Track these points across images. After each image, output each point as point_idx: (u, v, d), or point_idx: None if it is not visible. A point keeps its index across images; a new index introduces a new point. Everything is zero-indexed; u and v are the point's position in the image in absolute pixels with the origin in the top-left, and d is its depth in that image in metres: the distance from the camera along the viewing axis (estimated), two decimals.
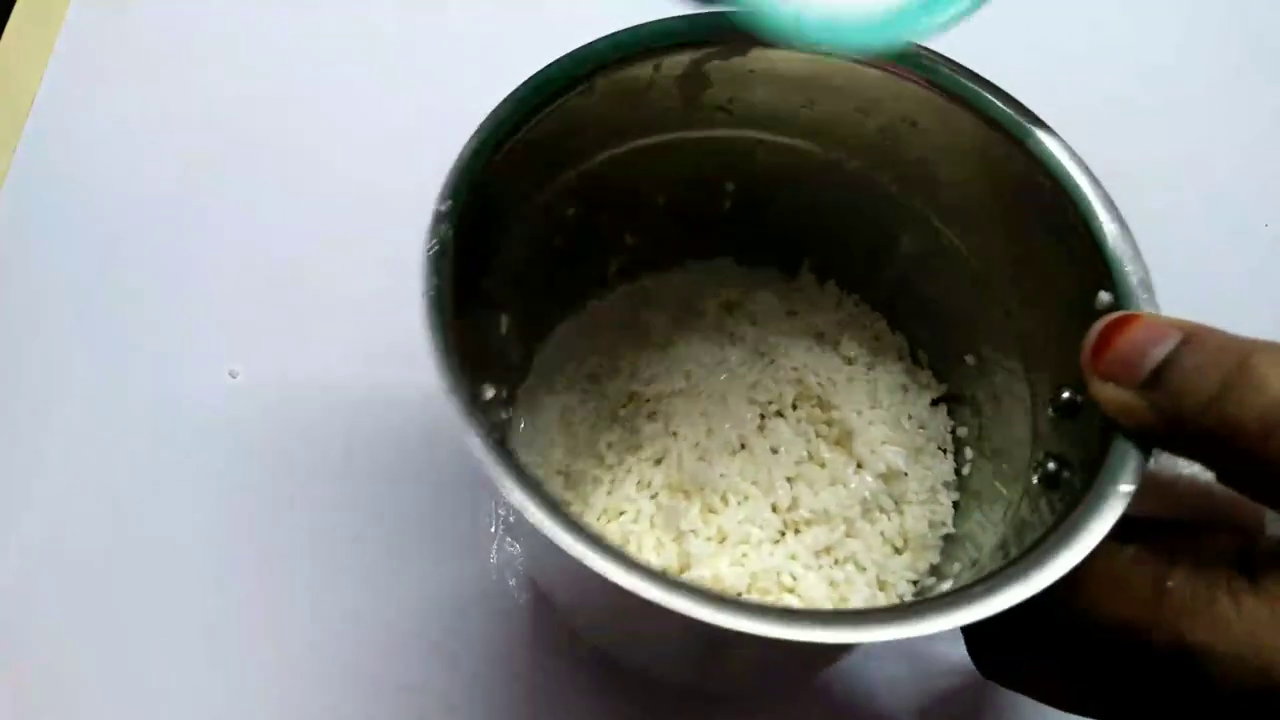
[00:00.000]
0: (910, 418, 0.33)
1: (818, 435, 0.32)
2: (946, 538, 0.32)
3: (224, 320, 0.40)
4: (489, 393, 0.29)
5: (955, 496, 0.32)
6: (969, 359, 0.33)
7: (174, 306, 0.41)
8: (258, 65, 0.47)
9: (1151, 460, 0.23)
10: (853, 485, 0.30)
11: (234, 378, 0.39)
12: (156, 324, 0.40)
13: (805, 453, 0.31)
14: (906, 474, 0.31)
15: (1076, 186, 0.27)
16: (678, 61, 0.29)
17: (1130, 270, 0.26)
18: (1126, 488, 0.23)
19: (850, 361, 0.33)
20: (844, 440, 0.31)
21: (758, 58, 0.30)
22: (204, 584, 0.35)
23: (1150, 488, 0.23)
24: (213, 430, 0.38)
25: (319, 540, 0.36)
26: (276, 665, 0.34)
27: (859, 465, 0.31)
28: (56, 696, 0.34)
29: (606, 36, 0.29)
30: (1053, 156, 0.28)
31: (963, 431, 0.34)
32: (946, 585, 0.29)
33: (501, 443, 0.22)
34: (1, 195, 0.42)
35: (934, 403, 0.34)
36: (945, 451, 0.33)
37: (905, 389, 0.34)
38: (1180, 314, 0.41)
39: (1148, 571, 0.23)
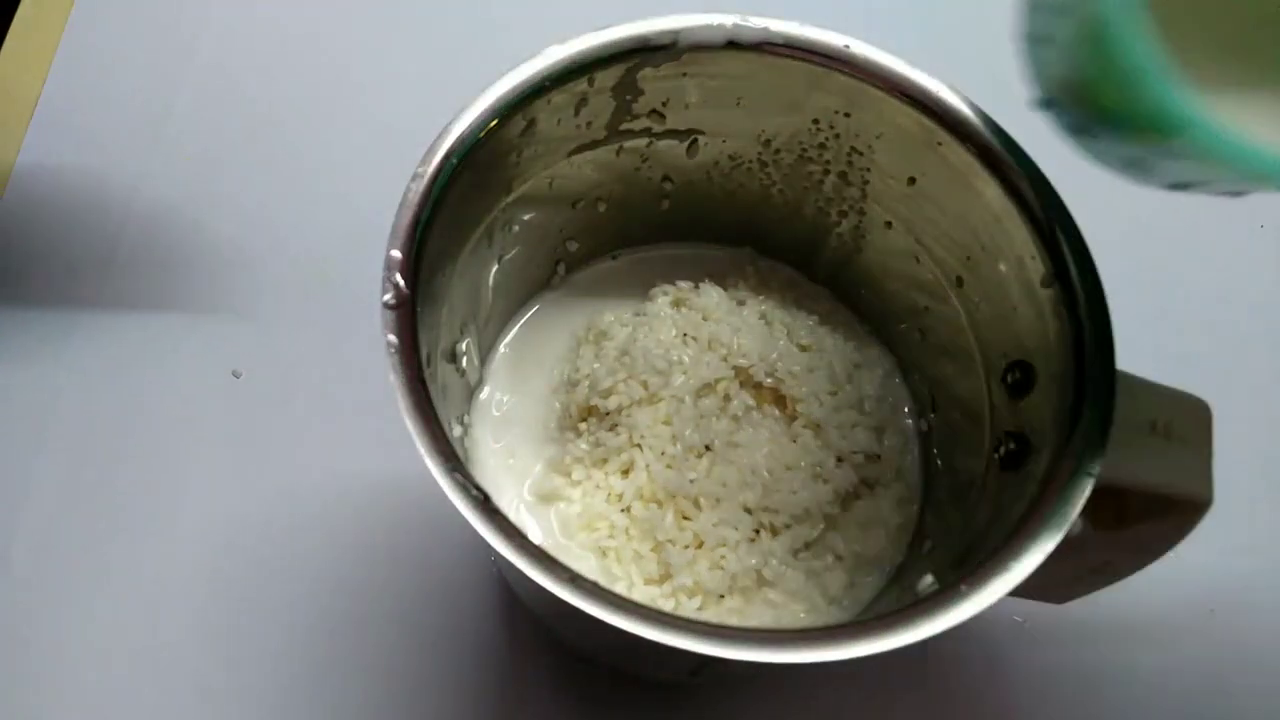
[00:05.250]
0: (870, 396, 0.33)
1: (785, 430, 0.32)
2: (918, 517, 0.32)
3: (227, 320, 0.40)
4: (457, 429, 0.28)
5: (920, 474, 0.33)
6: (915, 334, 0.34)
7: (177, 306, 0.41)
8: (261, 66, 0.46)
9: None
10: (832, 480, 0.31)
11: (237, 378, 0.39)
12: (159, 323, 0.40)
13: (775, 448, 0.31)
14: (879, 456, 0.32)
15: (1014, 168, 0.27)
16: (611, 73, 0.29)
17: (1066, 244, 0.27)
18: (1088, 475, 0.24)
19: (805, 348, 0.34)
20: (814, 430, 0.32)
21: (689, 61, 0.29)
22: (202, 582, 0.36)
23: None
24: (213, 429, 0.38)
25: (317, 537, 0.37)
26: (279, 651, 0.35)
27: (838, 459, 0.31)
28: (51, 694, 0.34)
29: (542, 58, 0.28)
30: (986, 136, 0.28)
31: (919, 407, 0.34)
32: (919, 571, 0.30)
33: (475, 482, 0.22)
34: (6, 193, 0.42)
35: (888, 377, 0.35)
36: (907, 425, 0.34)
37: (858, 366, 0.34)
38: (1179, 313, 0.42)
39: None
